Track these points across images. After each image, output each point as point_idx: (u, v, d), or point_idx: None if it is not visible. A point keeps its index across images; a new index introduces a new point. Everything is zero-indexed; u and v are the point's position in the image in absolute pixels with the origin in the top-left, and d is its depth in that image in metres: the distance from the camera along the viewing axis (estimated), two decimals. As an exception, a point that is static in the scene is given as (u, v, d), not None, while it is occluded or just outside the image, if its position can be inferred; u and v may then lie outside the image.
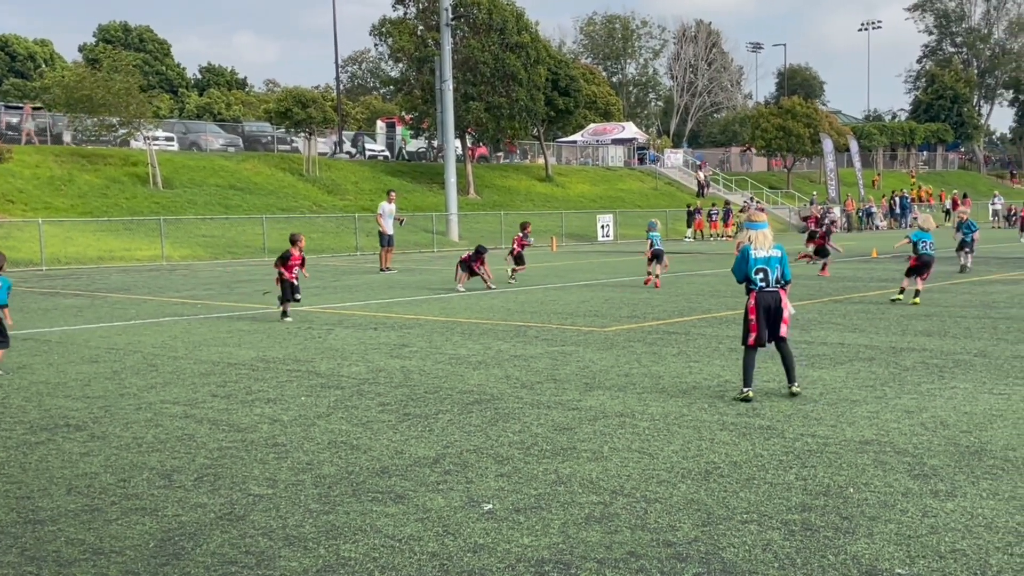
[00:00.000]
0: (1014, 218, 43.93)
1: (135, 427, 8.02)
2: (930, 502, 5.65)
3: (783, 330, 8.68)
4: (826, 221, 30.45)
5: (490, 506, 5.73)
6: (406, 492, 6.03)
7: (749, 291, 8.71)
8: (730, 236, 47.68)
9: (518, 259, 22.27)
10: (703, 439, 7.22)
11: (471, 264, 20.19)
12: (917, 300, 16.32)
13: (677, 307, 16.47)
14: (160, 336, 13.78)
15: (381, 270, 26.89)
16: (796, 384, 8.81)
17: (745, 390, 8.62)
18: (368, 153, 57.23)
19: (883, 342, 11.99)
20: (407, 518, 5.53)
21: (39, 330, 14.72)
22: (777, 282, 8.71)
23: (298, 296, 15.47)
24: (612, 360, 10.93)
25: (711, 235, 49.12)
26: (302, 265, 15.49)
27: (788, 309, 8.73)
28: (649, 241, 20.86)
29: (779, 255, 8.75)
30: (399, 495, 5.97)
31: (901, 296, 16.82)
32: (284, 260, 15.25)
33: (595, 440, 7.25)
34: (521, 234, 22.43)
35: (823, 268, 22.48)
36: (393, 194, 28.90)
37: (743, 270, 8.74)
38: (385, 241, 27.28)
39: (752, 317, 8.64)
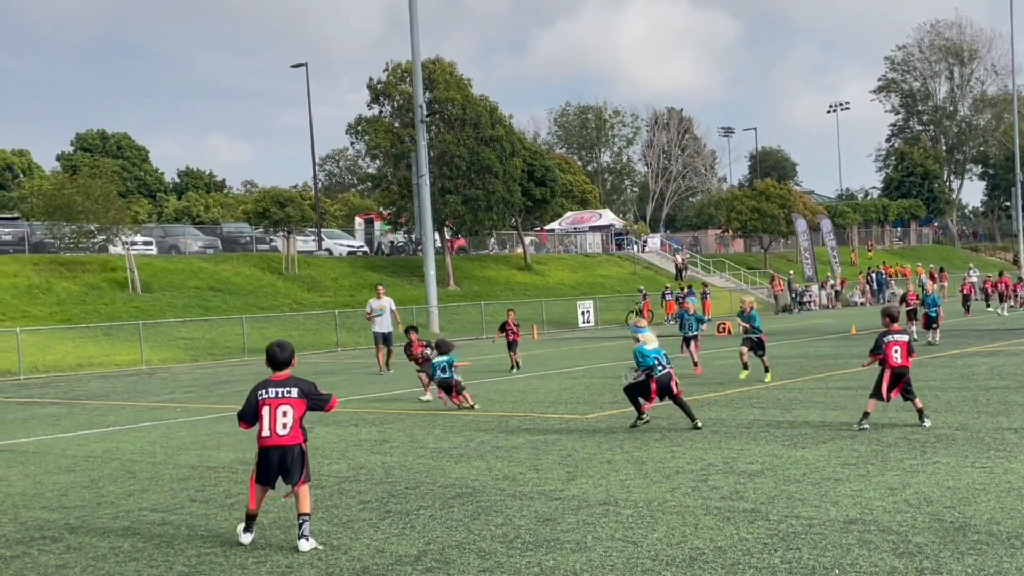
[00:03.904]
0: (992, 290, 44.25)
1: (112, 536, 7.88)
2: (916, 580, 5.60)
3: (675, 389, 11.99)
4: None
5: (472, 603, 5.64)
6: (387, 592, 5.93)
7: (649, 376, 11.80)
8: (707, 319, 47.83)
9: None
10: (687, 525, 7.16)
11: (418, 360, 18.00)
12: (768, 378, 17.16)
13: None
14: (139, 442, 13.63)
15: (380, 371, 24.01)
16: (698, 420, 11.94)
17: (643, 418, 12.12)
18: (348, 248, 57.57)
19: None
20: (388, 619, 5.43)
21: (16, 440, 14.53)
22: (667, 363, 11.98)
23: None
24: (594, 447, 10.87)
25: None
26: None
27: (675, 380, 12.07)
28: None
29: (660, 348, 12.11)
30: (380, 596, 5.87)
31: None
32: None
33: (578, 530, 7.17)
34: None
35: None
36: (381, 288, 25.65)
37: (646, 362, 11.83)
38: (379, 339, 24.51)
39: (654, 395, 11.93)
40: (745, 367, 17.66)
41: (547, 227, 70.07)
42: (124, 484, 10.28)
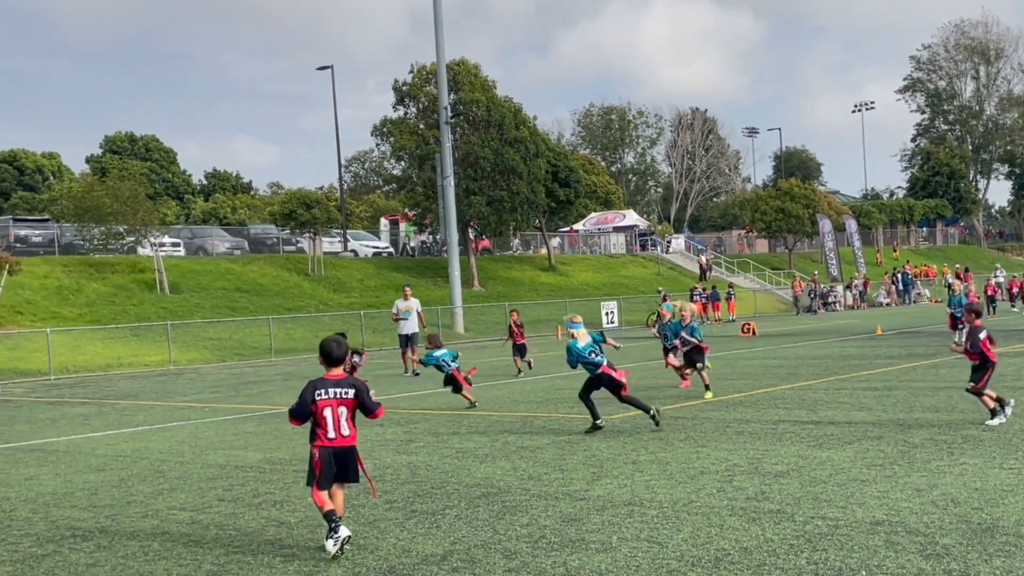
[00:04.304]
0: (1018, 291, 43.79)
1: (142, 535, 7.97)
2: (942, 581, 5.58)
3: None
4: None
5: (498, 602, 5.67)
6: (414, 591, 5.97)
7: (596, 367, 12.09)
8: (718, 319, 47.73)
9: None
10: (712, 525, 7.17)
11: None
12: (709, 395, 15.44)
13: (683, 392, 16.43)
14: (167, 441, 13.76)
15: (406, 372, 23.83)
16: (653, 409, 12.03)
17: (597, 422, 12.06)
18: (373, 250, 57.82)
19: (891, 419, 11.94)
20: (415, 618, 5.47)
21: (46, 440, 14.72)
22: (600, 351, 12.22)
23: None
24: (619, 448, 10.88)
25: (715, 318, 49.12)
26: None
27: (617, 373, 12.18)
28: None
29: (592, 341, 12.32)
30: (407, 594, 5.91)
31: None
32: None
33: (603, 530, 7.19)
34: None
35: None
36: (409, 289, 25.07)
37: (578, 358, 12.18)
38: (402, 342, 24.26)
39: (619, 378, 11.99)
40: (707, 388, 15.67)
41: (571, 228, 70.05)
42: (153, 483, 10.39)
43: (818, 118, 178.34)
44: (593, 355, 12.19)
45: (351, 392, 7.10)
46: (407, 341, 24.00)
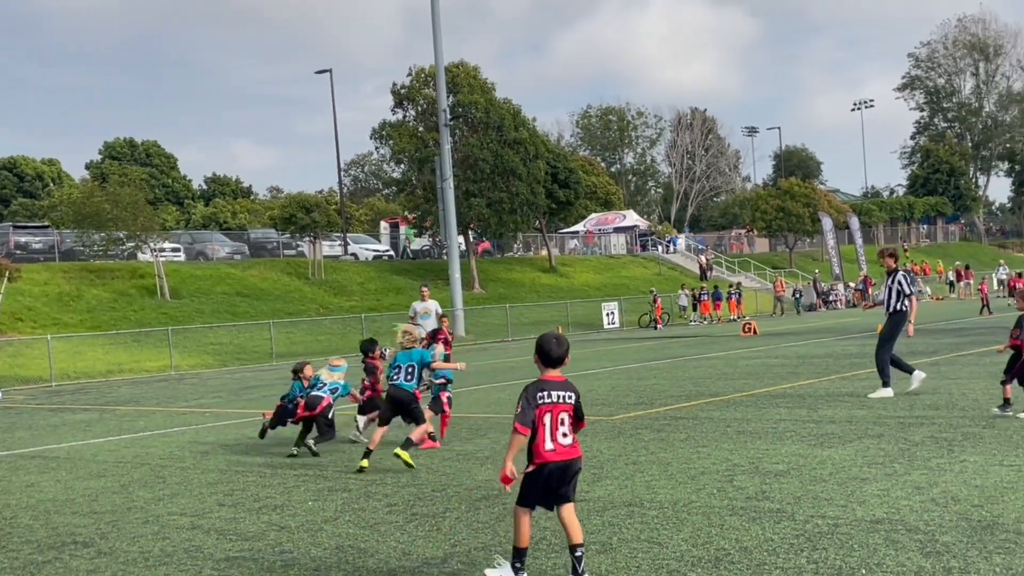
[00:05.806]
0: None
1: (142, 541, 7.97)
2: (942, 579, 5.58)
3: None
4: None
5: (498, 604, 5.66)
6: (414, 594, 5.96)
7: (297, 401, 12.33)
8: (728, 319, 47.73)
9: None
10: (713, 525, 7.17)
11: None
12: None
13: (684, 391, 16.43)
14: (168, 447, 13.76)
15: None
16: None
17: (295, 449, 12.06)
18: (374, 253, 57.87)
19: (891, 417, 11.93)
20: (415, 621, 5.46)
21: (47, 447, 14.71)
22: (334, 393, 12.18)
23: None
24: (619, 449, 10.88)
25: (718, 316, 49.10)
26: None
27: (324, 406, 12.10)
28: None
29: (339, 384, 12.37)
30: (407, 597, 5.91)
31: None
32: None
33: (603, 531, 7.19)
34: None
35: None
36: (426, 290, 23.65)
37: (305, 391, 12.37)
38: None
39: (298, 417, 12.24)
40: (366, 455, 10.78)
41: (570, 229, 70.09)
42: (154, 489, 10.38)
43: (817, 116, 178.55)
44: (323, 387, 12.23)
45: (572, 396, 5.98)
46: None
